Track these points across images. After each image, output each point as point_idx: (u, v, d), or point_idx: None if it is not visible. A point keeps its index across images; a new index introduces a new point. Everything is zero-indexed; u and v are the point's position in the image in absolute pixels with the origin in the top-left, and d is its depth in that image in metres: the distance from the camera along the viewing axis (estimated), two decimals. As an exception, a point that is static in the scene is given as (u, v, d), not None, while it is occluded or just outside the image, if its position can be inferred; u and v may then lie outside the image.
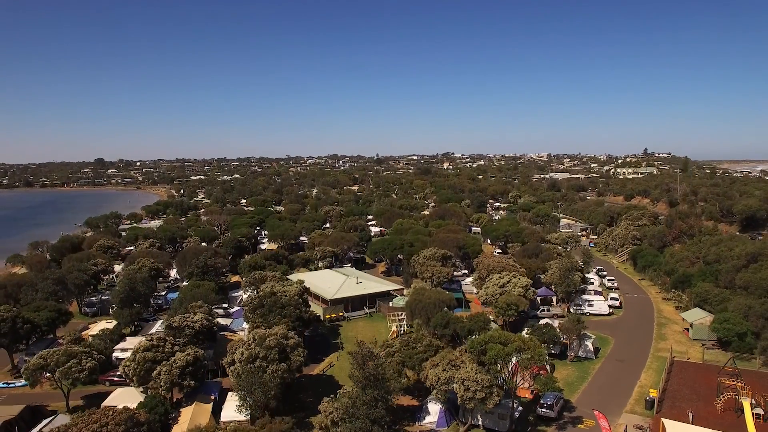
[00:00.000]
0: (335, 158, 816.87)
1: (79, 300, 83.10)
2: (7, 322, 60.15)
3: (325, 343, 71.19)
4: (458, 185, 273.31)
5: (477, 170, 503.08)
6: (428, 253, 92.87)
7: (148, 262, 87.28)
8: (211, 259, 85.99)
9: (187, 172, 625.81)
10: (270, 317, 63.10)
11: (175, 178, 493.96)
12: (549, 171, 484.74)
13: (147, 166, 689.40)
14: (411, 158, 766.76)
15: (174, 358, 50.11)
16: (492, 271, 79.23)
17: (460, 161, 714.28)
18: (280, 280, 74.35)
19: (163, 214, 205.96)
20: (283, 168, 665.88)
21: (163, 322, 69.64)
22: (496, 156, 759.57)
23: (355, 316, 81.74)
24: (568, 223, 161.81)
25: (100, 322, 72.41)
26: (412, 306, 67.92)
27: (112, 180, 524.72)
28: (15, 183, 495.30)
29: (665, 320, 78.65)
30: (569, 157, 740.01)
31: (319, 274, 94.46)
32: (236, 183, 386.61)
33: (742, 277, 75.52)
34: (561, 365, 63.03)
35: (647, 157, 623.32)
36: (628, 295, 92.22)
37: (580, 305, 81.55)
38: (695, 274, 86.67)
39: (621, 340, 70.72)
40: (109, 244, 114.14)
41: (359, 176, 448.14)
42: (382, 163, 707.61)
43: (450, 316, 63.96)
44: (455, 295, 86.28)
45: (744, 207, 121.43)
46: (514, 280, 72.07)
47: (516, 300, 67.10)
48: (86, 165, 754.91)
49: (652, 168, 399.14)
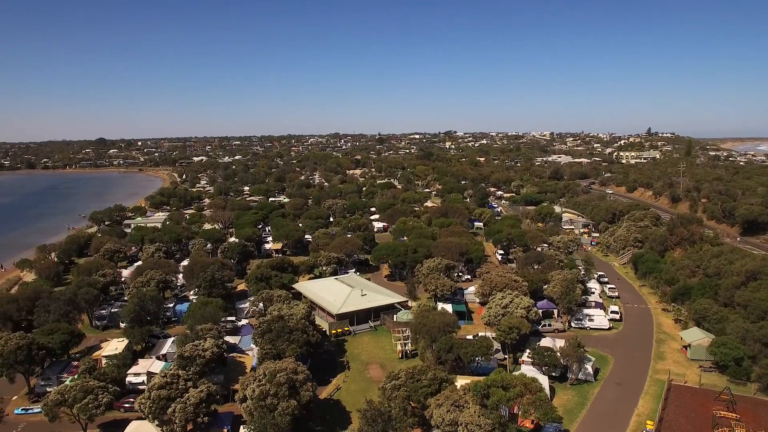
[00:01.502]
0: (337, 137, 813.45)
1: (90, 313, 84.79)
2: (23, 350, 61.90)
3: (332, 362, 72.94)
4: (460, 173, 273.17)
5: (479, 151, 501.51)
6: (432, 264, 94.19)
7: (156, 275, 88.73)
8: (218, 272, 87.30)
9: (189, 152, 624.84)
10: (278, 342, 64.83)
11: (177, 160, 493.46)
12: (551, 152, 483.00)
13: (148, 146, 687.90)
14: (413, 137, 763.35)
15: (188, 395, 51.79)
16: (495, 287, 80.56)
17: (462, 140, 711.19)
18: (286, 300, 75.77)
19: (166, 206, 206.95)
20: (284, 148, 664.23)
21: (174, 341, 71.65)
22: (499, 135, 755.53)
23: (360, 330, 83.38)
24: (571, 218, 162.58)
25: (112, 341, 74.09)
26: (416, 329, 69.43)
27: (114, 161, 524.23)
28: (17, 165, 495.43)
29: (664, 336, 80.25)
30: (572, 136, 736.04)
31: (323, 283, 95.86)
32: (238, 167, 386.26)
33: (741, 295, 76.77)
34: (561, 389, 64.83)
35: (651, 137, 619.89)
36: (628, 306, 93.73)
37: (581, 320, 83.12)
38: (695, 286, 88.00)
39: (620, 360, 72.41)
40: (115, 248, 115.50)
41: (361, 158, 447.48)
42: (384, 142, 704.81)
43: (454, 341, 65.49)
44: (458, 307, 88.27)
45: (745, 211, 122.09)
46: (517, 300, 73.46)
47: (518, 323, 68.53)
48: (87, 144, 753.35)
49: (656, 152, 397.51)
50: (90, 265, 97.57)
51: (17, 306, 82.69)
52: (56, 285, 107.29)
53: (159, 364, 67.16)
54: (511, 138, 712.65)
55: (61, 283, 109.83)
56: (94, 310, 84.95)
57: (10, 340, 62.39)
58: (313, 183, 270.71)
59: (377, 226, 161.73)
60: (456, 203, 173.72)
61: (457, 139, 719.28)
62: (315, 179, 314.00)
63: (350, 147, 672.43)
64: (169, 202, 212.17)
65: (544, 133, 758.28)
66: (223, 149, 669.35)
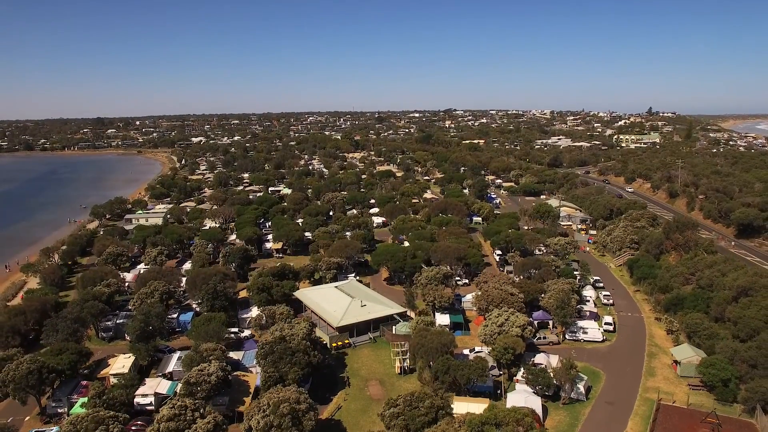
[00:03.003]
0: (336, 115, 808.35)
1: (96, 326, 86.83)
2: (33, 374, 63.97)
3: (333, 378, 75.15)
4: (459, 159, 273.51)
5: (479, 132, 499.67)
6: (430, 274, 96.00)
7: (159, 286, 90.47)
8: (220, 285, 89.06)
9: (188, 132, 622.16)
10: (281, 365, 66.90)
11: (176, 141, 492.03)
12: (551, 134, 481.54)
13: (147, 126, 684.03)
14: (413, 115, 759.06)
15: (196, 426, 53.95)
16: (492, 302, 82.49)
17: (462, 119, 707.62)
18: (287, 319, 77.71)
19: (167, 197, 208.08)
20: (283, 128, 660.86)
21: (180, 359, 73.76)
22: (499, 113, 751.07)
23: (360, 342, 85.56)
24: (569, 214, 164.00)
25: (119, 357, 76.20)
26: (415, 349, 71.54)
27: (112, 143, 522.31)
28: (15, 146, 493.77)
29: (656, 349, 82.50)
30: (572, 115, 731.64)
31: (323, 292, 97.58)
32: (237, 150, 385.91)
33: (732, 311, 78.73)
34: (553, 408, 67.21)
35: (651, 116, 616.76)
36: (622, 314, 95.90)
37: (575, 332, 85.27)
38: (688, 297, 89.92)
39: (612, 376, 74.72)
40: (118, 252, 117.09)
41: (360, 139, 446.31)
42: (383, 121, 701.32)
43: (451, 362, 67.61)
44: (455, 318, 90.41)
45: (741, 215, 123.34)
46: (512, 319, 75.38)
47: (513, 342, 70.54)
48: (85, 123, 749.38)
49: (656, 136, 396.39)
50: (94, 274, 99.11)
51: (24, 319, 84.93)
52: (61, 289, 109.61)
53: (165, 383, 69.35)
54: (512, 117, 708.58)
55: (65, 287, 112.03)
56: (99, 322, 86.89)
57: (21, 364, 64.41)
58: (312, 170, 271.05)
59: (377, 222, 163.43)
60: (455, 197, 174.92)
61: (456, 118, 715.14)
62: (314, 165, 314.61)
63: (349, 126, 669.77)
64: (169, 193, 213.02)
65: (544, 111, 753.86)
66: (221, 128, 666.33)
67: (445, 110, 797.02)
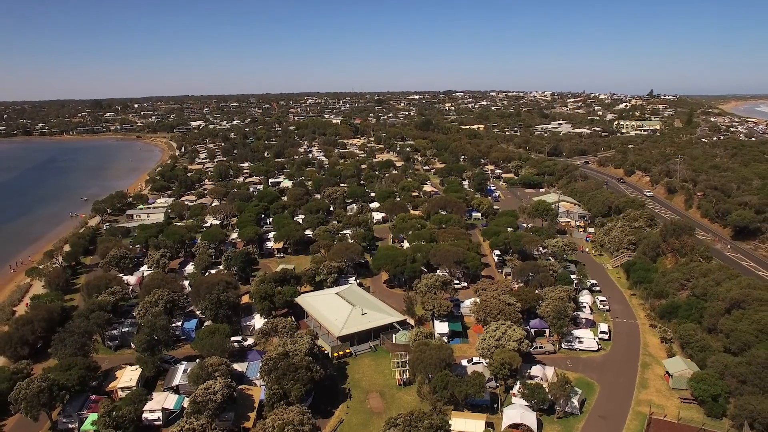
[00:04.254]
0: (335, 97, 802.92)
1: (102, 335, 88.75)
2: (45, 392, 65.96)
3: (334, 390, 77.17)
4: (459, 149, 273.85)
5: (479, 116, 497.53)
6: (429, 281, 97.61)
7: (163, 295, 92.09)
8: (224, 294, 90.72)
9: (186, 115, 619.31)
10: (284, 381, 68.85)
11: (175, 126, 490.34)
12: (551, 118, 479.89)
13: (145, 109, 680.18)
14: (412, 98, 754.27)
15: (202, 449, 56.06)
16: (490, 314, 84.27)
17: (462, 101, 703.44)
18: (290, 332, 79.56)
19: (167, 190, 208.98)
20: (282, 110, 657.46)
21: (186, 372, 75.63)
22: (499, 95, 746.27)
23: (360, 350, 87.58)
24: (567, 210, 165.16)
25: (126, 370, 78.11)
26: (414, 363, 73.52)
27: (111, 127, 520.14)
28: (13, 131, 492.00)
29: (649, 358, 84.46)
30: (573, 97, 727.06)
31: (324, 299, 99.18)
32: (237, 135, 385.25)
33: (724, 323, 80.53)
34: (548, 422, 69.38)
35: (653, 99, 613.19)
36: (618, 320, 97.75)
37: (571, 342, 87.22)
38: (682, 305, 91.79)
39: (606, 387, 76.72)
40: (121, 254, 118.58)
41: (360, 124, 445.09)
42: (383, 103, 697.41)
43: (449, 378, 69.60)
44: (453, 326, 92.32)
45: (737, 217, 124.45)
46: (510, 332, 77.15)
47: (510, 358, 72.43)
48: (82, 105, 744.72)
49: (656, 122, 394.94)
50: (98, 281, 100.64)
51: (32, 328, 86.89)
52: (65, 292, 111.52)
53: (173, 398, 71.44)
54: (512, 99, 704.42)
55: (69, 290, 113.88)
56: (105, 331, 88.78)
57: (32, 382, 66.38)
58: (312, 159, 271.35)
59: (377, 218, 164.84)
60: (454, 192, 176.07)
61: (456, 100, 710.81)
62: (313, 152, 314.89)
63: (349, 109, 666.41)
64: (169, 186, 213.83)
65: (545, 93, 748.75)
66: (220, 111, 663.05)
67: (444, 92, 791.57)
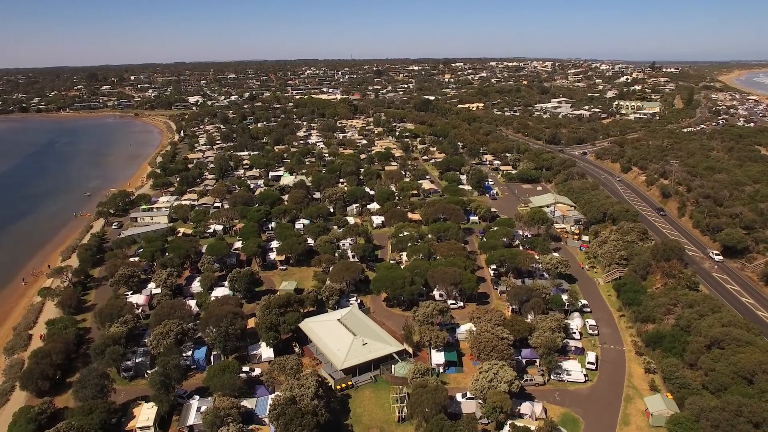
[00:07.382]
0: (334, 67, 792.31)
1: (117, 366, 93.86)
2: (70, 442, 71.37)
3: (337, 428, 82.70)
4: (458, 138, 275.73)
5: (478, 92, 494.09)
6: (427, 310, 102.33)
7: (174, 326, 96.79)
8: (231, 327, 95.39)
9: (183, 88, 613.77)
10: (291, 427, 74.20)
11: (173, 102, 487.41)
12: (551, 94, 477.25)
13: (141, 81, 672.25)
14: (412, 68, 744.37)
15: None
16: (483, 350, 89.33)
17: (461, 72, 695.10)
18: (296, 374, 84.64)
19: (169, 187, 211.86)
20: (280, 82, 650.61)
21: (199, 411, 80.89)
22: (499, 66, 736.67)
23: (362, 381, 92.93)
24: (563, 214, 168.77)
25: (143, 408, 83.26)
26: (412, 405, 78.94)
27: (108, 102, 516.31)
28: (9, 108, 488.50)
29: (633, 391, 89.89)
30: (574, 67, 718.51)
31: (326, 326, 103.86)
32: (236, 115, 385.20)
33: (704, 361, 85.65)
34: (536, 463, 75.25)
35: (655, 71, 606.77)
36: (605, 346, 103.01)
37: (559, 373, 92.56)
38: (667, 336, 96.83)
39: (590, 424, 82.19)
40: (129, 273, 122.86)
41: (359, 104, 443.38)
42: (381, 75, 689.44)
43: (444, 423, 75.01)
44: (449, 356, 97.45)
45: (726, 237, 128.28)
46: (501, 373, 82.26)
47: (501, 401, 77.69)
48: (77, 72, 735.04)
49: (656, 105, 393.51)
50: (111, 309, 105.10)
51: (51, 361, 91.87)
52: (77, 312, 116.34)
53: (188, 440, 76.97)
54: (512, 69, 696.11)
55: (81, 309, 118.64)
56: (120, 362, 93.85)
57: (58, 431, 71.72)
58: (311, 148, 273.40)
59: (376, 222, 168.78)
60: (452, 194, 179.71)
61: (456, 71, 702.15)
62: (312, 136, 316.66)
63: (347, 80, 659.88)
64: (171, 182, 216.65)
65: (545, 63, 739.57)
66: (218, 83, 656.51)
67: (444, 61, 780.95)
